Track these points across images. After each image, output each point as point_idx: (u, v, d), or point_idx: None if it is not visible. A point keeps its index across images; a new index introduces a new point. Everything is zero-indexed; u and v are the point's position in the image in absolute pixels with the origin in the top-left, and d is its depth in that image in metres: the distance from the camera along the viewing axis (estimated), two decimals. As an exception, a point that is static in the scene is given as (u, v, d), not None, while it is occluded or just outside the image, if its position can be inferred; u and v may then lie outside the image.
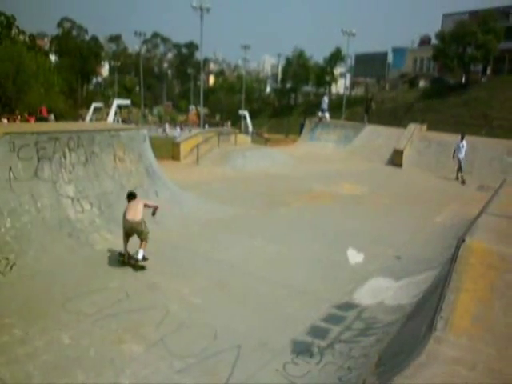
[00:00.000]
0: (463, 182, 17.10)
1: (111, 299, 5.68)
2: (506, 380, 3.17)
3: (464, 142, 17.56)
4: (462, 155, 17.38)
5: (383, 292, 6.55)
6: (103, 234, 7.92)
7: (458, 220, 10.02)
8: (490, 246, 4.91)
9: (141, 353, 4.58)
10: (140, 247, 6.99)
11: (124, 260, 7.09)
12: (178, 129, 52.13)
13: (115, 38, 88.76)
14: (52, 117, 44.28)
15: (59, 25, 77.63)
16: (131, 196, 7.40)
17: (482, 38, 46.04)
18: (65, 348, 4.56)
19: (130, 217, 7.07)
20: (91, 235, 7.72)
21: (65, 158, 8.09)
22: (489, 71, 52.46)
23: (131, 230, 7.11)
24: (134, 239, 7.06)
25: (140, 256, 6.94)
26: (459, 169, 17.49)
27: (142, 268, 6.86)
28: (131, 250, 6.97)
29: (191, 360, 4.51)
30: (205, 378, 4.27)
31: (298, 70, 68.92)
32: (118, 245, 7.61)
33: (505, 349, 3.50)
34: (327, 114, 27.18)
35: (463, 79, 51.18)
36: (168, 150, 18.70)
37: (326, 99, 28.19)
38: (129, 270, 6.72)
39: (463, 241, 4.91)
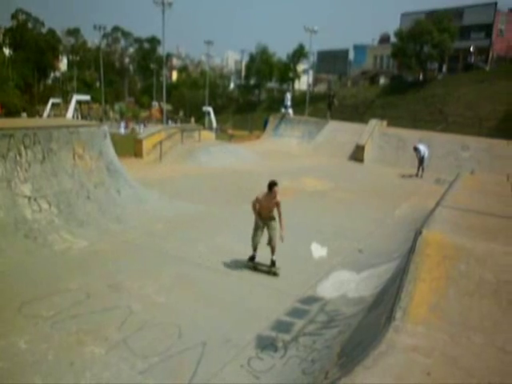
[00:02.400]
0: (421, 176, 17.74)
1: (71, 301, 5.52)
2: (459, 364, 3.31)
3: (420, 147, 17.99)
4: (420, 153, 17.86)
5: (346, 284, 6.70)
6: (62, 234, 7.66)
7: (416, 213, 10.35)
8: (445, 238, 5.09)
9: (102, 354, 4.47)
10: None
11: (254, 266, 7.09)
12: (142, 126, 51.07)
13: (73, 32, 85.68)
14: (25, 114, 42.41)
15: (13, 16, 74.22)
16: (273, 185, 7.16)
17: (438, 37, 47.72)
18: (21, 353, 4.39)
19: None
20: (50, 235, 7.45)
21: (20, 155, 7.77)
22: (444, 69, 54.45)
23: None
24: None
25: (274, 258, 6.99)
26: (419, 167, 18.02)
27: (276, 274, 6.89)
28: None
29: (155, 360, 4.46)
30: (168, 377, 4.23)
31: (262, 66, 69.07)
32: (79, 245, 7.42)
33: (458, 335, 3.66)
34: (290, 110, 27.41)
35: (421, 76, 52.88)
36: (130, 147, 18.30)
37: (288, 95, 28.43)
38: (90, 271, 6.54)
39: (420, 233, 5.07)
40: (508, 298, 4.04)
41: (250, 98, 74.88)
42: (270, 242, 7.11)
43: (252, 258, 7.27)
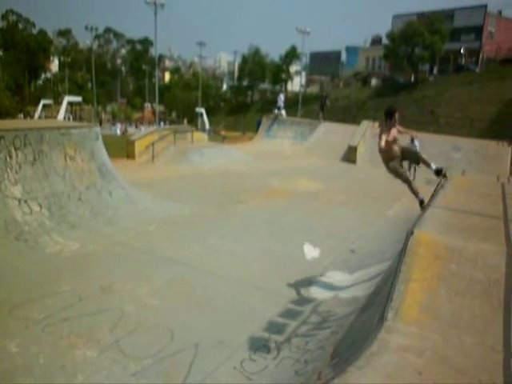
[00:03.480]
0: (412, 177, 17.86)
1: (62, 303, 5.47)
2: (451, 364, 3.34)
3: (416, 142, 18.18)
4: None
5: (338, 285, 6.72)
6: (54, 236, 7.60)
7: (408, 213, 10.40)
8: (437, 238, 5.13)
9: (94, 357, 4.44)
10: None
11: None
12: (133, 127, 50.85)
13: (65, 33, 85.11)
14: (21, 115, 42.06)
15: (4, 17, 73.59)
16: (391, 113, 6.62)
17: (429, 38, 48.15)
18: (12, 356, 4.34)
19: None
20: (41, 238, 7.39)
21: (10, 157, 7.70)
22: (435, 71, 54.92)
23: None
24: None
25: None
26: (411, 166, 18.13)
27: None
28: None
29: (147, 362, 4.43)
30: (161, 379, 4.21)
31: (254, 67, 69.19)
32: (70, 247, 7.37)
33: (449, 334, 3.69)
34: (283, 112, 27.49)
35: (412, 78, 53.27)
36: (122, 149, 18.23)
37: (281, 97, 28.50)
38: (81, 273, 6.49)
39: (412, 233, 5.10)
40: (499, 297, 4.08)
41: (242, 100, 74.98)
42: (417, 161, 6.89)
43: (421, 202, 6.96)
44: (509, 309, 3.94)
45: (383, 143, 6.73)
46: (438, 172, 6.86)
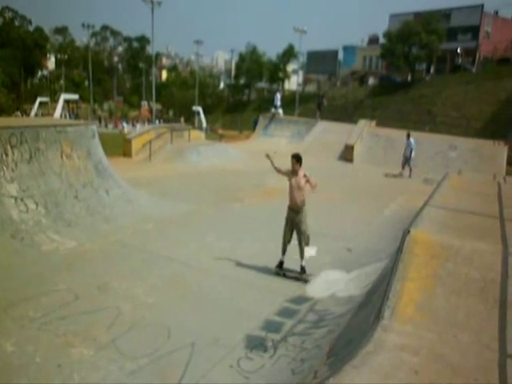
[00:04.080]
0: (401, 175, 17.92)
1: (59, 302, 5.46)
2: (446, 362, 3.35)
3: (411, 140, 18.25)
4: (407, 153, 18.08)
5: (335, 284, 6.73)
6: (50, 234, 7.57)
7: (405, 212, 10.43)
8: (433, 237, 5.15)
9: (91, 356, 4.43)
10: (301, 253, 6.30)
11: (282, 272, 6.66)
12: (130, 125, 50.65)
13: (61, 30, 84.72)
14: (18, 113, 41.81)
15: (0, 14, 73.15)
16: (296, 159, 6.20)
17: (426, 38, 48.17)
18: (8, 356, 4.33)
19: (292, 201, 6.11)
20: (37, 236, 7.37)
21: (6, 155, 7.67)
22: (432, 70, 54.98)
23: (293, 223, 6.16)
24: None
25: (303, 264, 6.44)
26: (403, 165, 18.22)
27: (307, 281, 6.55)
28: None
29: (144, 361, 4.43)
30: (158, 378, 4.21)
31: (252, 66, 69.02)
32: (66, 245, 7.34)
33: (445, 333, 3.70)
34: (280, 110, 27.47)
35: (409, 77, 53.32)
36: (119, 147, 18.17)
37: (278, 95, 28.48)
38: (78, 272, 6.48)
39: (408, 232, 5.12)
40: (494, 296, 4.10)
41: (239, 98, 74.80)
42: (299, 242, 6.52)
43: (281, 264, 6.80)
44: (504, 307, 3.96)
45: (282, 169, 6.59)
46: (302, 269, 6.74)
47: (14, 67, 67.61)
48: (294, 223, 6.58)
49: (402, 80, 53.71)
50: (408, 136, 18.34)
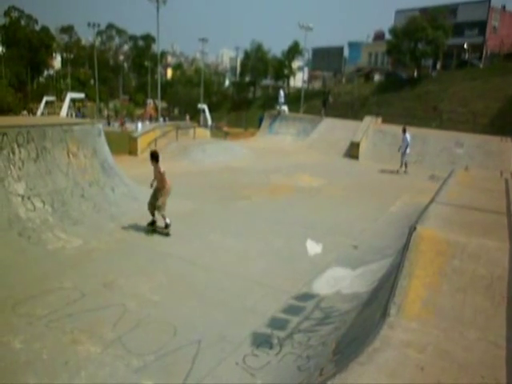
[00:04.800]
0: (397, 172, 17.84)
1: (65, 300, 5.50)
2: (452, 359, 3.34)
3: (407, 135, 18.15)
4: (402, 148, 18.01)
5: (341, 281, 6.72)
6: (57, 232, 7.62)
7: (411, 209, 10.39)
8: (439, 234, 5.12)
9: (97, 353, 4.46)
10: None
11: (152, 228, 8.35)
12: (140, 123, 50.72)
13: (67, 29, 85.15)
14: (25, 112, 42.07)
15: (6, 14, 73.57)
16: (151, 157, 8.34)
17: (432, 33, 47.83)
18: (16, 353, 4.37)
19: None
20: (44, 234, 7.41)
21: (13, 153, 7.72)
22: (438, 66, 54.59)
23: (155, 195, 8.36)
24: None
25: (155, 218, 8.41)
26: (402, 160, 18.15)
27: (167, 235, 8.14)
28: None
29: (150, 358, 4.45)
30: (164, 375, 4.23)
31: (257, 63, 68.96)
32: (73, 243, 7.39)
33: (452, 330, 3.68)
34: (285, 107, 27.44)
35: (415, 73, 52.98)
36: (125, 145, 18.24)
37: (281, 93, 28.44)
38: (84, 269, 6.52)
39: (414, 229, 5.09)
40: (501, 293, 4.07)
41: (244, 96, 74.74)
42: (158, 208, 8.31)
43: (153, 222, 8.44)
44: (511, 304, 3.93)
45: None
46: (166, 226, 8.34)
47: (21, 67, 68.12)
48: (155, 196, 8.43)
49: (408, 76, 53.39)
50: (404, 131, 18.24)
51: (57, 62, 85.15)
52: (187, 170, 15.22)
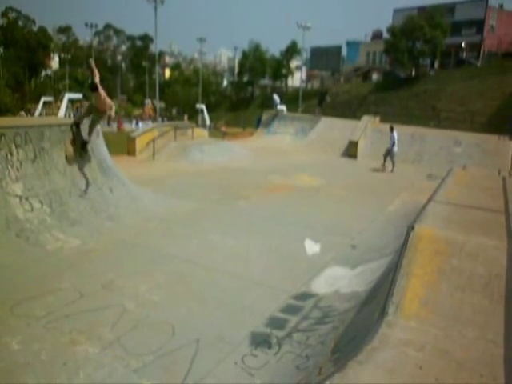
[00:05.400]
0: (383, 170, 17.86)
1: (64, 300, 5.48)
2: (451, 358, 3.34)
3: (394, 133, 18.21)
4: (389, 146, 18.09)
5: (339, 280, 6.72)
6: (55, 233, 7.60)
7: (409, 208, 10.40)
8: (437, 233, 5.12)
9: (96, 354, 4.45)
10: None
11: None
12: (139, 123, 50.68)
13: (65, 29, 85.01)
14: (23, 113, 42.02)
15: (3, 14, 73.44)
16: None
17: (430, 33, 47.88)
18: (14, 354, 4.35)
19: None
20: (42, 235, 7.40)
21: (11, 154, 7.69)
22: (436, 65, 54.64)
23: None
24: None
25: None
26: (385, 157, 18.18)
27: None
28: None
29: (148, 358, 4.44)
30: (163, 375, 4.22)
31: (255, 63, 69.00)
32: (71, 244, 7.38)
33: (450, 329, 3.69)
34: (283, 107, 27.48)
35: (413, 73, 53.04)
36: (123, 145, 18.22)
37: (275, 96, 28.33)
38: (82, 270, 6.50)
39: (412, 228, 5.09)
40: (499, 291, 4.08)
41: (243, 95, 74.78)
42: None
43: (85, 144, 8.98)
44: (510, 303, 3.94)
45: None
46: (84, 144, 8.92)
47: (18, 67, 68.04)
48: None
49: (406, 75, 53.45)
50: (391, 129, 18.30)
51: (54, 62, 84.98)
52: (186, 170, 15.22)
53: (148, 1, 44.50)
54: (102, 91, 8.62)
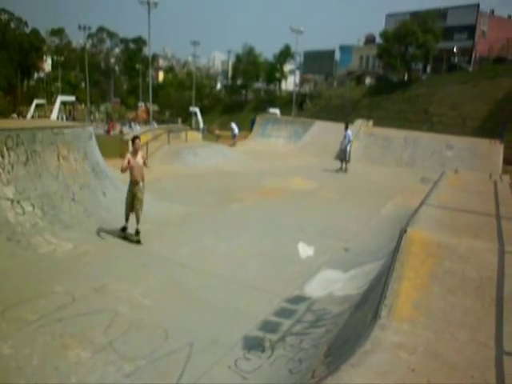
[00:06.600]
0: (346, 170, 17.85)
1: (56, 304, 5.45)
2: (443, 360, 3.36)
3: (349, 132, 18.24)
4: (345, 145, 18.10)
5: (332, 284, 6.74)
6: (47, 236, 7.55)
7: (402, 211, 10.45)
8: (430, 236, 5.15)
9: (88, 358, 4.42)
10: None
11: (123, 235, 7.82)
12: (128, 126, 50.45)
13: (58, 32, 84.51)
14: (15, 115, 41.72)
15: (-5, 16, 72.96)
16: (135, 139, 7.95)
17: (422, 37, 48.27)
18: (5, 358, 4.31)
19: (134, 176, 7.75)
20: (33, 238, 7.34)
21: (3, 157, 7.65)
22: (429, 69, 55.09)
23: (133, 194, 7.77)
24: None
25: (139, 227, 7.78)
26: (343, 158, 18.11)
27: (139, 243, 7.67)
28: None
29: (141, 362, 4.42)
30: (155, 379, 4.20)
31: (248, 66, 69.03)
32: (63, 247, 7.33)
33: (442, 332, 3.71)
34: (277, 110, 27.56)
35: (406, 77, 53.42)
36: (116, 149, 18.14)
37: (233, 125, 27.60)
38: (75, 274, 6.46)
39: (405, 231, 5.12)
40: (490, 294, 4.11)
41: (236, 99, 74.76)
42: (135, 212, 7.87)
43: (124, 229, 7.99)
44: (501, 305, 3.97)
45: (125, 163, 7.84)
46: (137, 232, 7.98)
47: (11, 69, 67.53)
48: (133, 194, 7.94)
49: (399, 80, 53.79)
50: (346, 127, 18.30)
51: (47, 64, 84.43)
52: (179, 174, 15.18)
53: (141, 3, 44.40)
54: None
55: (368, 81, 61.77)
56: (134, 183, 7.90)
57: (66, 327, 4.95)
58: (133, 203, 7.89)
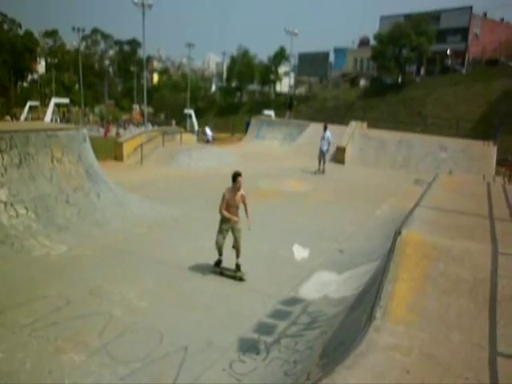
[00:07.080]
0: (323, 171, 17.83)
1: (50, 307, 5.41)
2: (438, 361, 3.38)
3: (328, 133, 18.32)
4: (324, 146, 18.16)
5: (327, 285, 6.75)
6: (41, 239, 7.51)
7: (396, 213, 10.49)
8: (424, 237, 5.18)
9: (82, 361, 4.40)
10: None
11: (221, 271, 6.92)
12: (122, 128, 50.31)
13: (51, 33, 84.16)
14: (8, 117, 41.47)
15: (-12, 18, 72.54)
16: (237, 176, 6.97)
17: (416, 40, 48.65)
18: (-2, 362, 4.28)
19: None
20: (27, 241, 7.30)
21: (-5, 159, 7.61)
22: (422, 72, 55.47)
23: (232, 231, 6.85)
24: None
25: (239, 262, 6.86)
26: (321, 159, 18.11)
27: (242, 280, 6.71)
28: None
29: (136, 365, 4.40)
30: (150, 382, 4.19)
31: (243, 68, 69.15)
32: (58, 250, 7.28)
33: (437, 333, 3.73)
34: (271, 112, 27.60)
35: (400, 79, 53.73)
36: (110, 151, 18.09)
37: (207, 130, 27.97)
38: (69, 276, 6.43)
39: (399, 233, 5.14)
40: (484, 295, 4.13)
41: (231, 101, 74.83)
42: (236, 245, 6.94)
43: (218, 263, 7.08)
44: (494, 306, 3.99)
45: (225, 204, 6.90)
46: (237, 267, 6.94)
47: (4, 71, 67.14)
48: (232, 232, 6.99)
49: (393, 82, 54.13)
50: (325, 128, 18.38)
51: (41, 66, 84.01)
52: (174, 176, 15.15)
53: (136, 5, 44.36)
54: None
55: (362, 83, 62.10)
56: (227, 220, 6.92)
57: (60, 331, 4.92)
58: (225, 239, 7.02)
